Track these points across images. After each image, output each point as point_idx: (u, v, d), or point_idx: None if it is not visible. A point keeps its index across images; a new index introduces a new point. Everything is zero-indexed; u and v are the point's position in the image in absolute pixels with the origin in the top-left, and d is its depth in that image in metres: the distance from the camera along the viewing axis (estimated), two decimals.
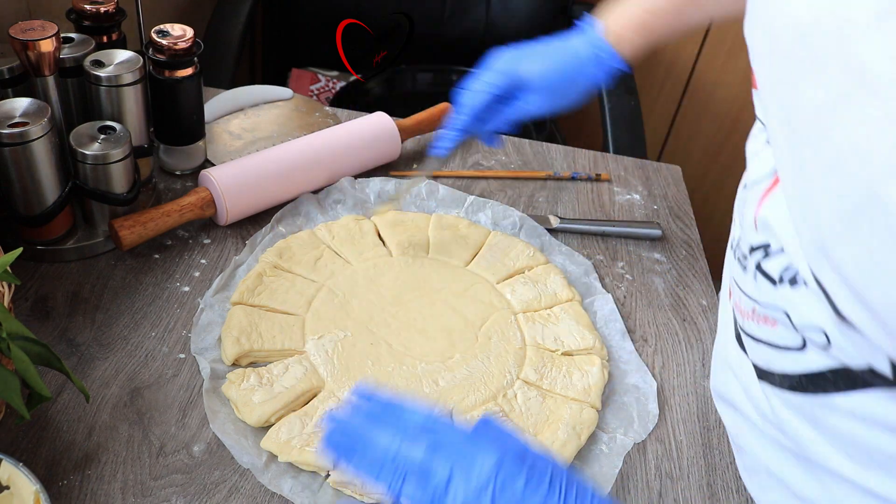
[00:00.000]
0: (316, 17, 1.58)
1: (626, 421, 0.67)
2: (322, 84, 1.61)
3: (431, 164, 0.91)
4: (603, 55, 0.71)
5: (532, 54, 0.72)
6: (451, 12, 1.61)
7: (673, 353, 0.75)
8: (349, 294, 0.73)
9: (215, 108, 0.98)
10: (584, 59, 0.72)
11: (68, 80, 0.77)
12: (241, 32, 1.40)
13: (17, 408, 0.53)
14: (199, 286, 0.75)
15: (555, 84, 0.72)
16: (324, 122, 1.00)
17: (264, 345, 0.67)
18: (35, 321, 0.69)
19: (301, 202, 0.84)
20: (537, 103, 0.73)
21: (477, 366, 0.68)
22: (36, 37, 0.68)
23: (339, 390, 0.65)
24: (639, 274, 0.84)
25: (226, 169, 0.81)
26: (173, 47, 0.79)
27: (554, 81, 0.72)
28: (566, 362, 0.70)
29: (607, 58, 0.71)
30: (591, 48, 0.71)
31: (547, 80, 0.71)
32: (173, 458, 0.60)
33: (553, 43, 0.73)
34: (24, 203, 0.71)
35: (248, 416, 0.61)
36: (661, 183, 0.99)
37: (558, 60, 0.72)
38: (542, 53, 0.72)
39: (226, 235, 0.81)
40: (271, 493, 0.58)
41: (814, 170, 0.36)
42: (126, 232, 0.73)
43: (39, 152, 0.68)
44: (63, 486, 0.57)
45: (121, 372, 0.66)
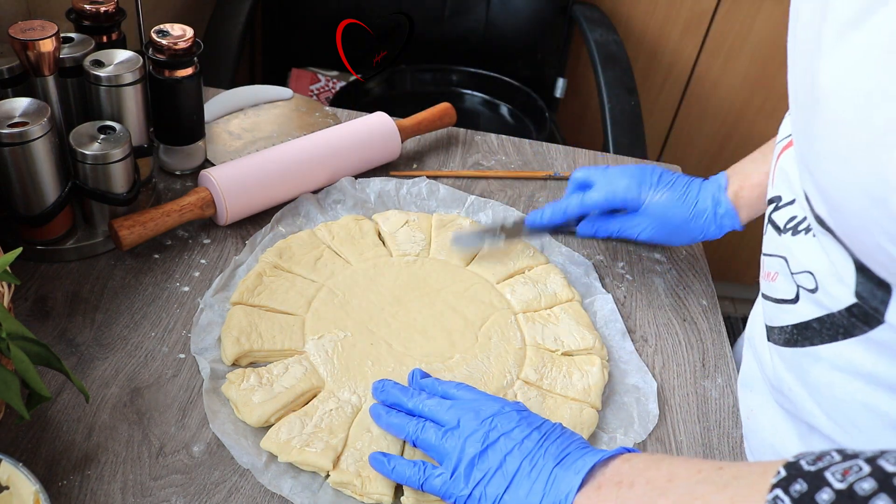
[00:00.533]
0: (316, 17, 1.58)
1: (626, 421, 0.67)
2: (322, 84, 1.61)
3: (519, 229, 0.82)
4: (721, 212, 0.74)
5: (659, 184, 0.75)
6: (451, 12, 1.61)
7: (673, 353, 0.75)
8: (349, 294, 0.73)
9: (215, 108, 0.98)
10: (702, 209, 0.74)
11: (68, 80, 0.77)
12: (241, 32, 1.40)
13: (16, 408, 0.53)
14: (198, 286, 0.74)
15: (669, 221, 0.75)
16: (324, 122, 1.00)
17: (264, 345, 0.67)
18: (35, 321, 0.69)
19: (301, 202, 0.84)
20: (645, 230, 0.76)
21: (477, 366, 0.68)
22: (36, 37, 0.68)
23: (339, 390, 0.65)
24: (639, 274, 0.84)
25: (226, 169, 0.81)
26: (173, 47, 0.79)
27: (669, 218, 0.75)
28: (566, 362, 0.70)
29: (725, 217, 0.74)
30: (713, 202, 0.74)
31: (663, 214, 0.74)
32: (173, 458, 0.60)
33: (681, 180, 0.75)
34: (23, 203, 0.71)
35: (248, 417, 0.61)
36: None
37: (679, 201, 0.74)
38: (669, 187, 0.75)
39: (226, 235, 0.81)
40: (271, 493, 0.58)
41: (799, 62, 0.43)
42: (126, 232, 0.73)
43: (39, 152, 0.68)
44: (63, 486, 0.57)
45: (120, 372, 0.66)
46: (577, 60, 1.74)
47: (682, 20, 1.68)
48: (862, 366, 0.47)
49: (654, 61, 1.74)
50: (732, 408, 0.70)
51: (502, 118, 1.57)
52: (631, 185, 0.75)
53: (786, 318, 0.54)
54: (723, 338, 0.77)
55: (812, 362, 0.51)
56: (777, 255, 0.54)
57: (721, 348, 0.76)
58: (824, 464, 0.35)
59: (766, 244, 0.57)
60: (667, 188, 0.75)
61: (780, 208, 0.55)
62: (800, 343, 0.52)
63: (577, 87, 1.75)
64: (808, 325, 0.51)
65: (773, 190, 0.57)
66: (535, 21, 1.63)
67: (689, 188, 0.75)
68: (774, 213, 0.56)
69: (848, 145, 0.37)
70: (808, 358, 0.52)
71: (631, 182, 0.75)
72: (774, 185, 0.57)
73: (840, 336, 0.48)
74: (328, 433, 0.61)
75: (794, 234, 0.52)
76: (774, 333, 0.56)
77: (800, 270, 0.51)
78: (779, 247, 0.54)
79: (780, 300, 0.55)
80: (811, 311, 0.51)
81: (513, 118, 1.57)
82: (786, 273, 0.53)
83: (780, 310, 0.55)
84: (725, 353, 0.76)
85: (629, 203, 0.75)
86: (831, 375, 0.49)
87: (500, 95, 1.58)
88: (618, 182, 0.75)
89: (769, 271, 0.56)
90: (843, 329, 0.47)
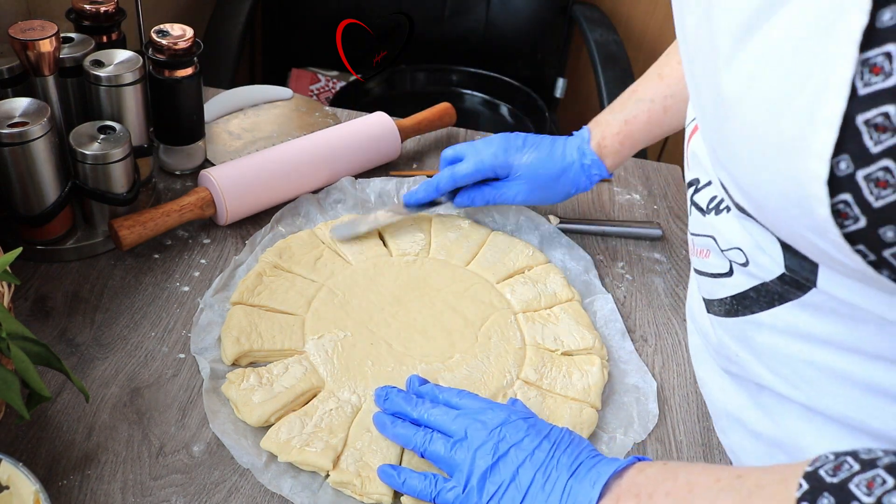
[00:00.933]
0: (316, 17, 1.58)
1: (625, 421, 0.67)
2: (322, 84, 1.61)
3: (398, 209, 0.83)
4: (587, 162, 0.77)
5: (525, 146, 0.77)
6: (451, 12, 1.61)
7: (673, 353, 0.75)
8: (349, 294, 0.73)
9: (215, 108, 0.98)
10: (570, 162, 0.77)
11: (68, 80, 0.77)
12: (241, 32, 1.40)
13: (16, 408, 0.53)
14: (198, 286, 0.74)
15: (539, 179, 0.77)
16: (324, 122, 1.00)
17: (264, 345, 0.67)
18: (35, 321, 0.69)
19: (301, 202, 0.84)
20: (519, 192, 0.78)
21: (477, 366, 0.68)
22: (36, 37, 0.68)
23: (339, 390, 0.65)
24: (639, 274, 0.84)
25: (225, 169, 0.81)
26: (173, 47, 0.79)
27: (539, 177, 0.77)
28: (566, 362, 0.70)
29: (593, 167, 0.77)
30: (578, 154, 0.77)
31: (533, 174, 0.77)
32: (173, 458, 0.60)
33: (546, 140, 0.78)
34: (23, 203, 0.71)
35: (248, 416, 0.61)
36: (661, 183, 0.99)
37: (547, 159, 0.77)
38: (534, 148, 0.77)
39: (226, 235, 0.81)
40: (271, 493, 0.58)
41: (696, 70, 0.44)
42: (126, 232, 0.73)
43: (39, 152, 0.68)
44: (63, 486, 0.57)
45: (120, 372, 0.66)
46: (577, 60, 1.74)
47: None
48: (801, 327, 0.48)
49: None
50: None
51: (502, 118, 1.58)
52: (497, 153, 0.77)
53: (722, 291, 0.55)
54: None
55: (755, 329, 0.52)
56: (705, 235, 0.55)
57: None
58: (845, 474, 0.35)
59: (693, 224, 0.58)
60: (533, 149, 0.77)
61: (700, 190, 0.56)
62: (740, 312, 0.53)
63: (577, 87, 1.75)
64: (746, 295, 0.52)
65: (690, 173, 0.58)
66: (535, 21, 1.63)
67: (555, 145, 0.78)
68: (695, 195, 0.57)
69: (761, 151, 0.37)
70: (750, 325, 0.52)
71: (497, 149, 0.77)
72: (690, 169, 0.58)
73: (777, 302, 0.49)
74: (328, 433, 0.61)
75: (717, 213, 0.53)
76: (714, 306, 0.57)
77: (728, 247, 0.52)
78: (705, 227, 0.55)
79: (715, 274, 0.55)
80: (746, 282, 0.52)
81: (513, 118, 1.57)
82: (716, 250, 0.54)
83: (716, 283, 0.55)
84: None
85: (499, 169, 0.77)
86: (774, 339, 0.51)
87: (500, 95, 1.58)
88: (484, 151, 0.77)
89: (700, 249, 0.57)
90: (779, 295, 0.49)
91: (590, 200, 0.94)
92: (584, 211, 0.92)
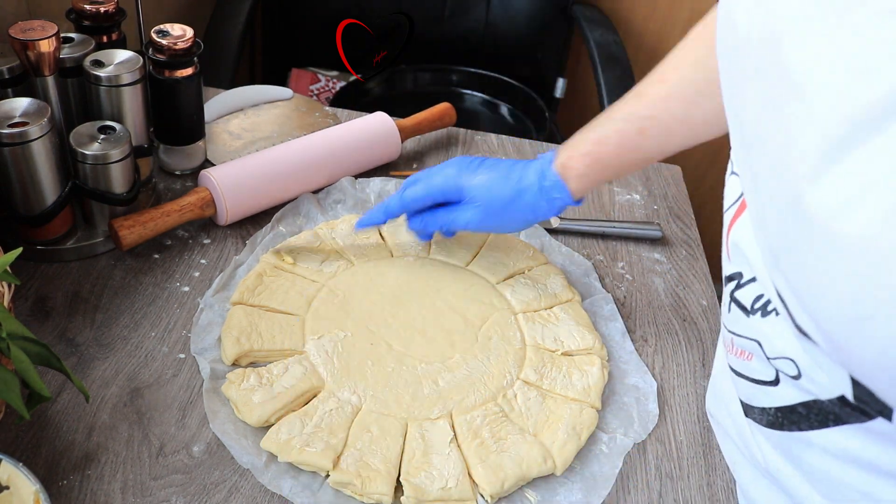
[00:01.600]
0: (316, 17, 1.58)
1: (626, 421, 0.67)
2: (322, 84, 1.61)
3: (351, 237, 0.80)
4: (546, 184, 0.67)
5: (480, 168, 0.70)
6: (451, 12, 1.61)
7: (673, 353, 0.75)
8: (349, 294, 0.73)
9: (215, 108, 0.98)
10: (527, 185, 0.68)
11: (68, 80, 0.77)
12: (241, 32, 1.40)
13: (16, 408, 0.53)
14: (198, 286, 0.74)
15: (494, 203, 0.69)
16: (324, 122, 1.00)
17: (264, 345, 0.67)
18: (35, 321, 0.69)
19: (301, 202, 0.84)
20: (472, 218, 0.70)
21: (477, 366, 0.68)
22: (36, 37, 0.68)
23: (339, 390, 0.65)
24: (639, 274, 0.84)
25: (226, 169, 0.81)
26: (173, 47, 0.79)
27: (493, 200, 0.69)
28: (566, 362, 0.70)
29: (553, 189, 0.67)
30: (537, 175, 0.68)
31: (486, 196, 0.69)
32: (173, 458, 0.60)
33: (504, 163, 0.71)
34: (23, 203, 0.71)
35: (248, 416, 0.61)
36: (661, 183, 0.99)
37: (501, 179, 0.69)
38: (490, 169, 0.70)
39: (226, 235, 0.81)
40: (271, 493, 0.58)
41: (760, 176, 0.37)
42: (126, 232, 0.73)
43: (39, 152, 0.68)
44: (63, 486, 0.57)
45: (121, 372, 0.66)
46: (577, 60, 1.74)
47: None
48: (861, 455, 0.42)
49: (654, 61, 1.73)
50: None
51: (502, 118, 1.58)
52: (449, 174, 0.71)
53: (766, 400, 0.48)
54: None
55: (804, 447, 0.46)
56: (747, 338, 0.49)
57: None
58: None
59: (731, 322, 0.51)
60: (488, 170, 0.70)
61: (742, 286, 0.49)
62: (786, 427, 0.47)
63: (577, 87, 1.75)
64: (794, 409, 0.46)
65: (730, 266, 0.50)
66: (535, 21, 1.63)
67: (513, 167, 0.70)
68: (737, 291, 0.49)
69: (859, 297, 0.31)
70: (798, 443, 0.46)
71: (450, 170, 0.71)
72: (730, 261, 0.50)
73: (832, 422, 0.42)
74: (328, 433, 0.61)
75: (765, 315, 0.46)
76: (755, 413, 0.51)
77: (777, 356, 0.45)
78: (748, 329, 0.48)
79: (757, 381, 0.49)
80: (795, 395, 0.45)
81: (513, 118, 1.57)
82: (760, 356, 0.47)
83: (757, 389, 0.49)
84: None
85: (450, 193, 0.71)
86: (827, 462, 0.44)
87: (500, 95, 1.58)
88: (437, 174, 0.72)
89: (741, 349, 0.50)
90: (835, 416, 0.42)
91: (590, 200, 0.94)
92: (584, 211, 0.92)
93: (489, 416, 0.64)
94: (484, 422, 0.63)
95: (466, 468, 0.60)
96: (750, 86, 0.38)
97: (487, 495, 0.59)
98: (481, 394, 0.66)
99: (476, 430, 0.63)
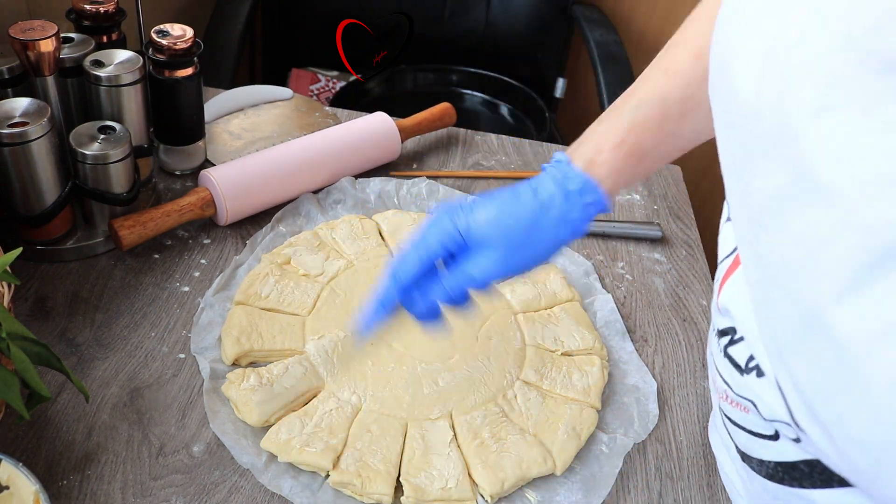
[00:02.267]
0: (316, 17, 1.58)
1: (626, 421, 0.67)
2: (322, 84, 1.61)
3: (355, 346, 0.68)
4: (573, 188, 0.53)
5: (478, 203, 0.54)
6: (451, 12, 1.61)
7: (673, 353, 0.75)
8: (350, 294, 0.73)
9: (215, 108, 0.98)
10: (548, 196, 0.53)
11: (68, 80, 0.77)
12: (241, 32, 1.40)
13: (16, 408, 0.53)
14: (198, 286, 0.74)
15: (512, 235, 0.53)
16: (324, 122, 1.00)
17: (264, 345, 0.67)
18: (35, 321, 0.69)
19: (301, 202, 0.84)
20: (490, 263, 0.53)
21: (477, 366, 0.68)
22: (36, 37, 0.68)
23: (339, 390, 0.65)
24: (639, 274, 0.84)
25: (226, 169, 0.81)
26: (173, 47, 0.79)
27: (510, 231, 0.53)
28: (566, 363, 0.70)
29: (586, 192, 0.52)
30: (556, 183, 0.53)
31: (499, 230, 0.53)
32: (173, 458, 0.60)
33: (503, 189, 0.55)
34: (23, 203, 0.71)
35: (248, 416, 0.61)
36: (661, 183, 0.99)
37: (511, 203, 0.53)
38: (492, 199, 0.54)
39: (226, 235, 0.81)
40: (271, 493, 0.58)
41: (769, 263, 0.33)
42: (126, 232, 0.73)
43: (39, 152, 0.68)
44: (63, 486, 0.57)
45: (121, 372, 0.66)
46: (577, 60, 1.73)
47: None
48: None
49: None
50: None
51: (502, 118, 1.58)
52: (441, 223, 0.54)
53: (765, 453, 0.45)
54: None
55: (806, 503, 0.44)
56: (744, 398, 0.45)
57: None
58: None
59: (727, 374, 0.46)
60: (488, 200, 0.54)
61: (736, 342, 0.45)
62: (786, 482, 0.44)
63: (577, 87, 1.75)
64: (795, 466, 0.43)
65: (721, 321, 0.47)
66: (534, 21, 1.63)
67: (518, 187, 0.55)
68: (730, 347, 0.45)
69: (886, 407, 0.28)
70: (799, 500, 0.43)
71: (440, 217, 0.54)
72: (722, 316, 0.46)
73: (836, 483, 0.40)
74: (328, 433, 0.61)
75: (760, 375, 0.42)
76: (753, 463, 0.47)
77: (775, 419, 0.42)
78: (743, 388, 0.45)
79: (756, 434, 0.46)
80: (796, 453, 0.42)
81: (513, 118, 1.57)
82: (757, 415, 0.44)
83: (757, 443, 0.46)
84: None
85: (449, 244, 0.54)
86: None
87: (500, 95, 1.58)
88: (425, 229, 0.55)
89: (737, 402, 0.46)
90: (840, 478, 0.39)
91: None
92: None
93: (489, 416, 0.64)
94: (484, 422, 0.63)
95: (466, 468, 0.60)
96: (760, 163, 0.33)
97: (487, 495, 0.59)
98: (481, 394, 0.66)
99: (476, 430, 0.63)
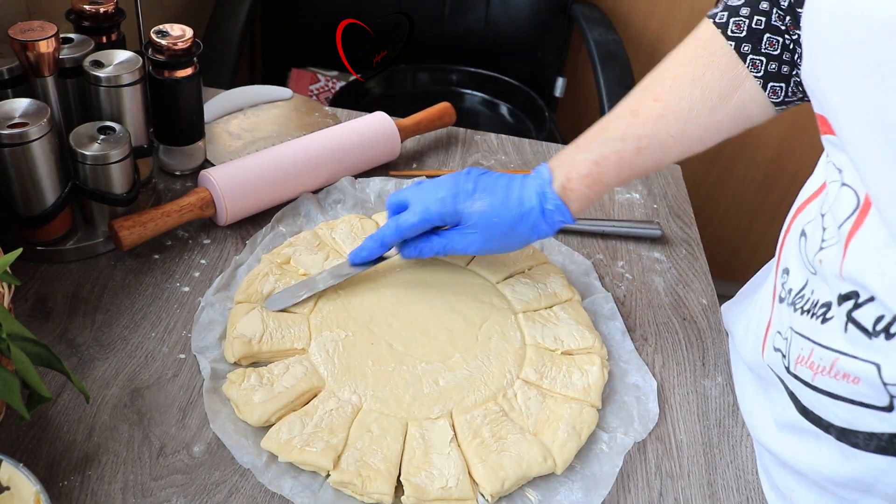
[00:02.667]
0: (316, 17, 1.58)
1: (626, 420, 0.67)
2: (322, 84, 1.61)
3: (343, 269, 0.75)
4: (549, 207, 0.67)
5: (476, 191, 0.68)
6: (451, 12, 1.61)
7: (673, 352, 0.75)
8: (350, 293, 0.73)
9: (215, 108, 0.98)
10: (528, 208, 0.68)
11: (68, 81, 0.77)
12: (240, 32, 1.40)
13: (17, 408, 0.53)
14: (199, 286, 0.75)
15: (495, 229, 0.68)
16: (324, 122, 1.00)
17: (273, 346, 0.67)
18: (35, 322, 0.69)
19: (301, 202, 0.84)
20: (472, 243, 0.69)
21: (477, 365, 0.68)
22: (35, 37, 0.68)
23: (340, 390, 0.65)
24: (639, 273, 0.84)
25: (225, 169, 0.81)
26: (173, 47, 0.79)
27: (494, 226, 0.68)
28: (566, 362, 0.70)
29: (556, 212, 0.67)
30: (539, 199, 0.67)
31: (487, 223, 0.68)
32: (173, 458, 0.60)
33: (500, 183, 0.69)
34: (23, 203, 0.71)
35: (249, 416, 0.61)
36: (661, 182, 0.99)
37: (501, 206, 0.68)
38: (487, 193, 0.68)
39: (226, 235, 0.81)
40: (271, 493, 0.58)
41: None
42: (126, 232, 0.73)
43: (39, 153, 0.68)
44: (63, 486, 0.57)
45: (121, 372, 0.66)
46: (577, 60, 1.74)
47: (681, 20, 1.68)
48: None
49: (653, 61, 1.73)
50: (732, 406, 0.70)
51: (502, 118, 1.58)
52: (445, 199, 0.68)
53: (876, 425, 0.47)
54: (722, 337, 0.77)
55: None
56: (866, 361, 0.47)
57: (721, 347, 0.76)
58: None
59: (848, 345, 0.49)
60: (486, 194, 0.68)
61: (861, 306, 0.48)
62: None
63: (577, 87, 1.75)
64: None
65: (843, 285, 0.49)
66: (534, 21, 1.63)
67: (510, 189, 0.68)
68: (855, 311, 0.48)
69: None
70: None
71: (445, 195, 0.68)
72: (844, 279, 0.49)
73: None
74: (328, 433, 0.61)
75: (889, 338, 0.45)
76: (859, 438, 0.49)
77: None
78: (867, 351, 0.47)
79: (866, 405, 0.48)
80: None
81: (512, 118, 1.57)
82: (873, 381, 0.46)
83: (865, 413, 0.48)
84: (725, 352, 0.76)
85: (447, 218, 0.69)
86: None
87: (500, 95, 1.58)
88: (430, 198, 0.69)
89: (845, 372, 0.49)
90: None
91: None
92: None
93: (489, 415, 0.64)
94: (484, 421, 0.63)
95: (467, 467, 0.60)
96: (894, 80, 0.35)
97: (488, 495, 0.59)
98: (481, 393, 0.66)
99: (476, 429, 0.63)
